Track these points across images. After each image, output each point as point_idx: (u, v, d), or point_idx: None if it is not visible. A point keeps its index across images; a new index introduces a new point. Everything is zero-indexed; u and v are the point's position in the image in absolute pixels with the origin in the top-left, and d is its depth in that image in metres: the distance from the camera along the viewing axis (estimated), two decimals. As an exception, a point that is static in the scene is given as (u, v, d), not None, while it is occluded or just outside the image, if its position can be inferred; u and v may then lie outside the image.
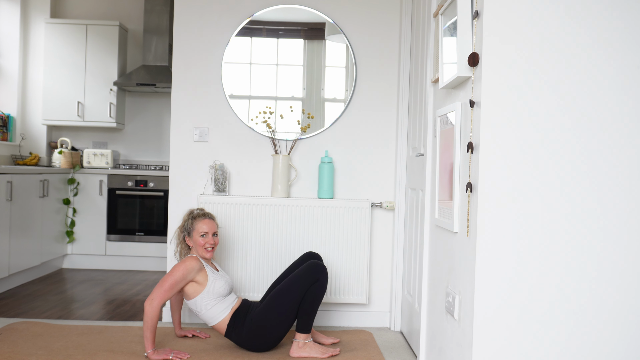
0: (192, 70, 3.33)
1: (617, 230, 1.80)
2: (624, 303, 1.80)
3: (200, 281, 2.67)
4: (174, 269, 2.63)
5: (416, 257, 2.83)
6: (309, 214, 3.21)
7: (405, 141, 3.22)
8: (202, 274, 2.68)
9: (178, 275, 2.61)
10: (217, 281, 2.69)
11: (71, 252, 4.90)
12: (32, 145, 5.26)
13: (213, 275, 2.71)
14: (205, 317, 2.70)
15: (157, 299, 2.56)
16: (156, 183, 4.92)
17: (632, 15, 1.79)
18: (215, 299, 2.68)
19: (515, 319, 1.80)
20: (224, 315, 2.68)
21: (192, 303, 2.69)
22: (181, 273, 2.62)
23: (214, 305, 2.67)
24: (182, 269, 2.63)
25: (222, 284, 2.70)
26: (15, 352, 2.61)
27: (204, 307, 2.67)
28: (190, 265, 2.65)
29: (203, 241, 2.73)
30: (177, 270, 2.62)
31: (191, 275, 2.65)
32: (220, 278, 2.73)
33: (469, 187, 1.84)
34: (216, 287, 2.68)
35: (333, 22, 3.36)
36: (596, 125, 1.79)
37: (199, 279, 2.67)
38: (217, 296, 2.68)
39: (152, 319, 2.55)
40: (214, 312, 2.68)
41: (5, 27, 5.12)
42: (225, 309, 2.69)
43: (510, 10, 1.78)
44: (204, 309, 2.67)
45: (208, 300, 2.67)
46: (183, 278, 2.62)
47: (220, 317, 2.68)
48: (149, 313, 2.54)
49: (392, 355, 2.80)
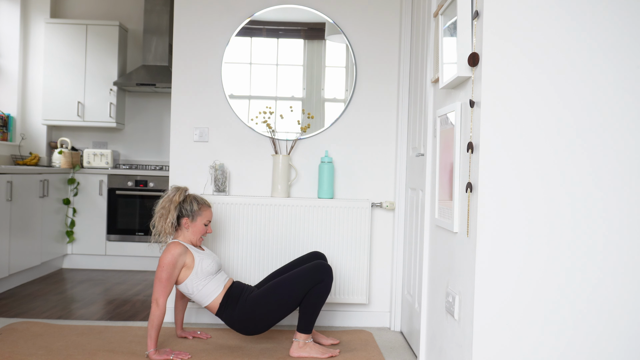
0: (192, 70, 3.33)
1: (619, 229, 1.80)
2: (626, 301, 1.80)
3: (188, 263, 2.67)
4: (162, 261, 2.61)
5: (416, 257, 2.83)
6: (309, 214, 3.20)
7: (405, 141, 3.22)
8: (189, 256, 2.68)
9: (169, 265, 2.60)
10: (204, 260, 2.69)
11: (71, 252, 4.90)
12: (32, 145, 5.26)
13: (199, 255, 2.70)
14: (198, 297, 2.69)
15: (161, 297, 2.57)
16: (156, 183, 4.92)
17: (633, 14, 1.79)
18: (205, 278, 2.68)
19: (516, 319, 1.80)
20: (216, 293, 2.68)
21: (183, 287, 2.68)
22: (170, 260, 2.61)
23: (205, 284, 2.67)
24: (169, 257, 2.62)
25: (209, 262, 2.70)
26: (15, 352, 2.61)
27: (195, 289, 2.67)
28: (176, 251, 2.64)
29: (205, 229, 2.75)
30: (166, 260, 2.61)
31: (181, 260, 2.64)
32: (207, 256, 2.73)
33: (469, 187, 1.84)
34: (204, 266, 2.68)
35: (333, 22, 3.36)
36: (597, 124, 1.79)
37: (187, 262, 2.67)
38: (206, 275, 2.68)
39: (158, 318, 2.56)
40: (206, 291, 2.67)
41: (5, 27, 5.12)
42: (217, 287, 2.69)
43: (511, 10, 1.78)
44: (196, 290, 2.67)
45: (198, 281, 2.67)
46: (175, 266, 2.62)
47: (213, 296, 2.68)
48: (155, 312, 2.55)
49: (392, 355, 2.80)
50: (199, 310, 3.26)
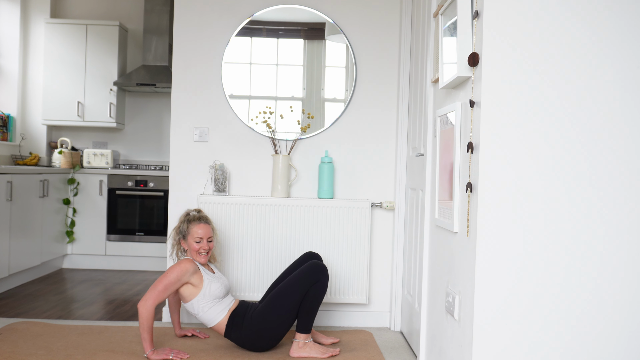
0: (192, 70, 3.33)
1: (618, 229, 1.80)
2: (626, 301, 1.80)
3: (196, 284, 2.67)
4: (169, 271, 2.63)
5: (416, 257, 2.83)
6: (309, 214, 3.20)
7: (405, 141, 3.22)
8: (197, 277, 2.68)
9: (172, 277, 2.61)
10: (213, 283, 2.69)
11: (71, 252, 4.90)
12: (32, 145, 5.26)
13: (208, 277, 2.71)
14: (203, 319, 2.70)
15: (150, 300, 2.55)
16: (156, 183, 4.92)
17: (633, 14, 1.79)
18: (212, 300, 2.68)
19: (516, 319, 1.80)
20: (221, 316, 2.69)
21: (189, 306, 2.69)
22: (175, 275, 2.62)
23: (211, 307, 2.68)
24: (176, 270, 2.63)
25: (217, 286, 2.70)
26: (15, 352, 2.61)
27: (201, 310, 2.67)
28: (185, 267, 2.65)
29: (197, 246, 2.73)
30: (172, 272, 2.62)
31: (186, 277, 2.65)
32: (216, 280, 2.73)
33: (469, 187, 1.84)
34: (212, 290, 2.68)
35: (333, 22, 3.36)
36: (597, 124, 1.79)
37: (194, 282, 2.67)
38: (213, 298, 2.68)
39: (147, 320, 2.55)
40: (211, 314, 2.68)
41: (5, 27, 5.12)
42: (222, 310, 2.70)
43: (511, 10, 1.78)
44: (201, 312, 2.68)
45: (205, 303, 2.67)
46: (177, 280, 2.63)
47: (218, 319, 2.69)
48: (143, 314, 2.54)
49: (392, 355, 2.80)
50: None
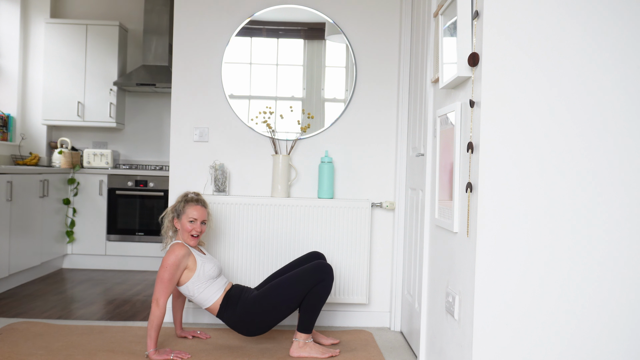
0: (192, 70, 3.33)
1: (619, 229, 1.80)
2: (626, 301, 1.80)
3: (190, 266, 2.69)
4: (166, 262, 2.63)
5: (416, 257, 2.83)
6: (309, 214, 3.20)
7: (405, 141, 3.22)
8: (191, 259, 2.70)
9: (172, 266, 2.62)
10: (206, 264, 2.71)
11: (71, 252, 4.90)
12: (32, 145, 5.26)
13: (201, 258, 2.73)
14: (198, 300, 2.71)
15: (161, 297, 2.58)
16: (156, 183, 4.92)
17: (633, 14, 1.79)
18: (206, 281, 2.70)
19: (516, 319, 1.80)
20: (216, 297, 2.70)
21: (184, 288, 2.70)
22: (173, 260, 2.62)
23: (206, 288, 2.69)
24: (173, 258, 2.63)
25: (211, 266, 2.72)
26: (15, 352, 2.61)
27: (196, 291, 2.69)
28: (180, 252, 2.65)
29: (190, 227, 2.74)
30: (169, 261, 2.62)
31: (184, 261, 2.66)
32: (209, 261, 2.75)
33: (469, 187, 1.84)
34: (206, 270, 2.70)
35: (333, 22, 3.36)
36: (597, 124, 1.79)
37: (189, 265, 2.69)
38: (207, 279, 2.70)
39: (158, 318, 2.56)
40: (206, 294, 2.70)
41: (5, 27, 5.12)
42: (217, 290, 2.72)
43: (510, 10, 1.78)
44: (197, 293, 2.69)
45: (199, 284, 2.68)
46: (177, 267, 2.64)
47: (213, 299, 2.70)
48: (155, 312, 2.56)
49: (392, 355, 2.80)
50: (198, 311, 3.26)
